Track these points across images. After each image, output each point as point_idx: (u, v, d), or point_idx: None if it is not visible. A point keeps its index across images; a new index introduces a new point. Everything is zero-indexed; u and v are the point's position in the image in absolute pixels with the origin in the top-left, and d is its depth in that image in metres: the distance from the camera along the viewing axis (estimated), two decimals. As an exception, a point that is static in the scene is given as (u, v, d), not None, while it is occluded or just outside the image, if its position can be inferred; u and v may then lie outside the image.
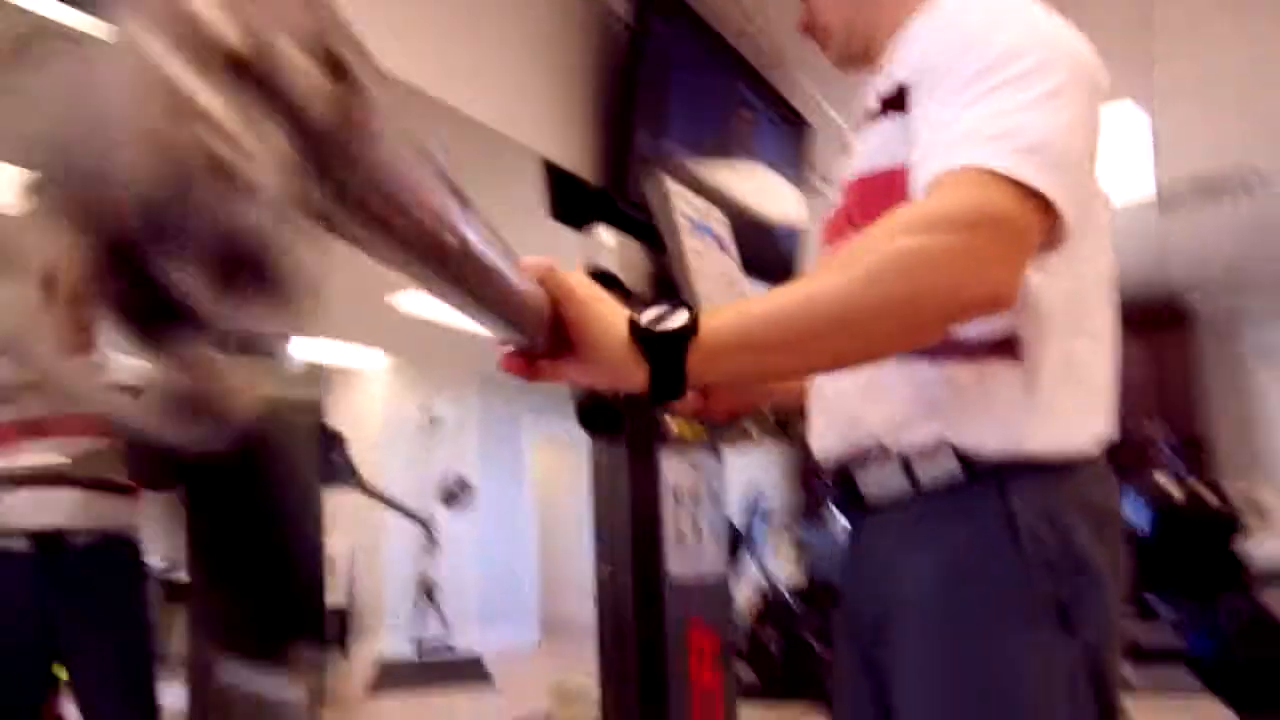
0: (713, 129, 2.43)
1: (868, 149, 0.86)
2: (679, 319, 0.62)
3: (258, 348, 1.51)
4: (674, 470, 1.36)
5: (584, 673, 3.91)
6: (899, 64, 0.84)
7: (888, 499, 0.83)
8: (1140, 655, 3.68)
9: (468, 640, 5.78)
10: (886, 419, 0.82)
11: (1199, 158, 4.40)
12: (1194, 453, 5.88)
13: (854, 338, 0.65)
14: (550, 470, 8.28)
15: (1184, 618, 3.66)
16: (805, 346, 0.64)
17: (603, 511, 1.37)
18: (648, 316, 0.63)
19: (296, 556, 1.51)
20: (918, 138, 0.75)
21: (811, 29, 1.01)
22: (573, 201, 2.12)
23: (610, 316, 0.63)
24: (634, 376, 0.62)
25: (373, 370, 6.40)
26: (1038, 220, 0.67)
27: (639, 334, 0.62)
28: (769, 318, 0.63)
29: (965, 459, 0.78)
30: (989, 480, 0.77)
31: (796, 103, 2.94)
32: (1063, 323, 0.78)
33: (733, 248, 1.61)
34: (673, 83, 2.20)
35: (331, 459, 1.64)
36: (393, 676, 4.50)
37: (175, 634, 2.05)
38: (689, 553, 1.45)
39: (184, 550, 1.42)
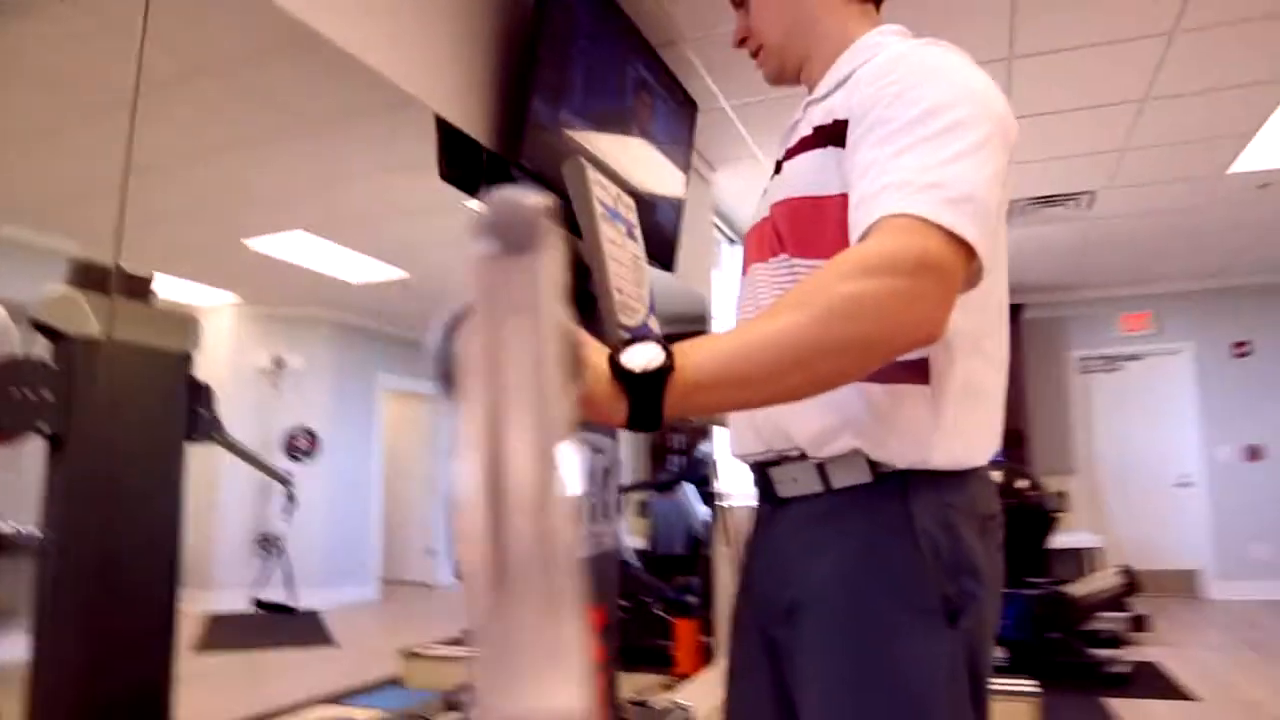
0: (608, 103, 2.42)
1: (798, 174, 0.92)
2: (655, 358, 0.64)
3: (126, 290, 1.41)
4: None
5: (431, 638, 3.89)
6: (839, 101, 0.90)
7: (800, 495, 0.91)
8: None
9: (308, 597, 5.61)
10: (809, 432, 0.89)
11: (1041, 178, 4.76)
12: (1015, 448, 6.41)
13: (814, 373, 0.71)
14: (399, 425, 8.11)
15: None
16: (770, 383, 0.69)
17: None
18: (627, 356, 0.65)
19: (152, 516, 1.43)
20: (854, 177, 0.82)
21: (746, 44, 1.05)
22: (465, 163, 2.08)
23: (594, 356, 0.65)
24: (615, 411, 0.65)
25: (218, 312, 6.06)
26: (962, 264, 0.74)
27: (620, 373, 0.64)
28: (738, 357, 0.68)
29: (875, 467, 0.85)
30: (893, 484, 0.86)
31: (685, 82, 2.98)
32: (965, 349, 0.87)
33: (639, 232, 1.64)
34: (573, 53, 2.18)
35: (197, 412, 1.56)
36: (223, 632, 4.31)
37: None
38: (585, 533, 1.48)
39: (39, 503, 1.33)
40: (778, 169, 1.01)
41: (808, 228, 0.90)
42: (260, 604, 4.64)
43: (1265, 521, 7.17)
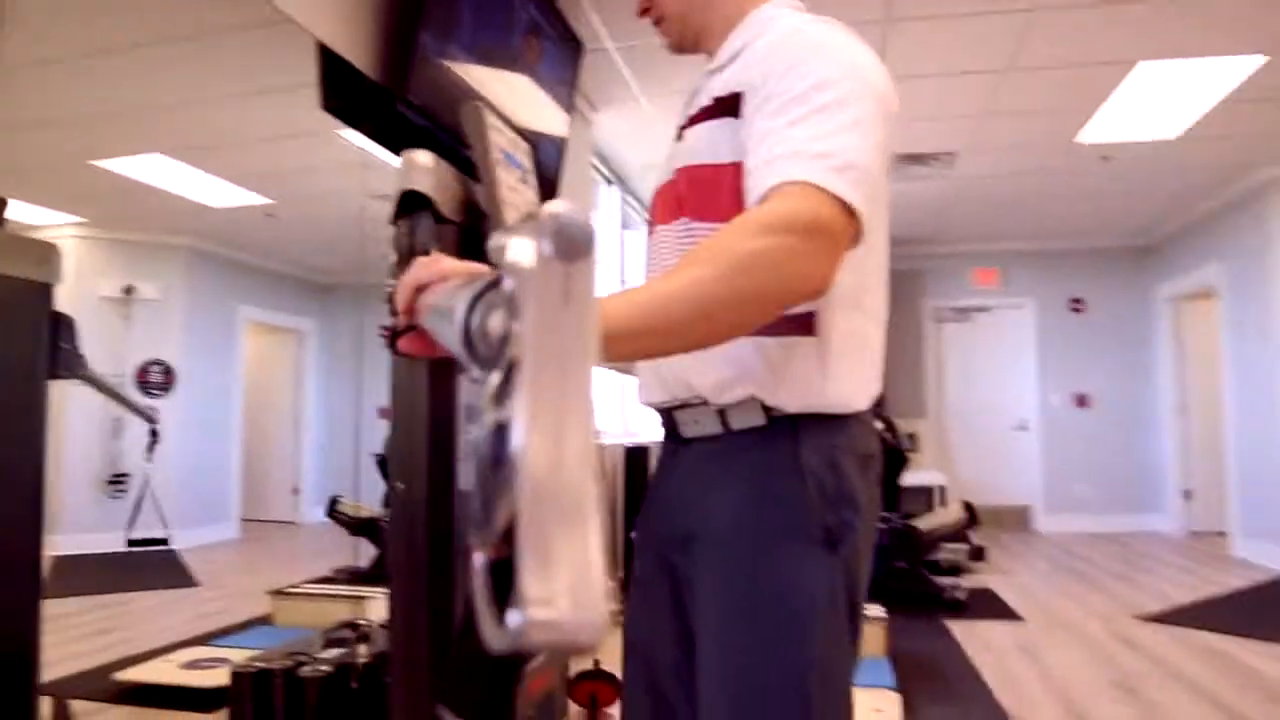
0: (496, 39, 2.39)
1: (699, 142, 1.00)
2: None
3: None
4: (469, 391, 1.40)
5: (296, 576, 3.84)
6: (735, 74, 0.98)
7: (701, 435, 0.99)
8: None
9: (166, 536, 5.40)
10: (709, 382, 0.97)
11: (908, 136, 4.97)
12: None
13: (718, 324, 0.78)
14: (261, 359, 7.79)
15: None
16: (678, 334, 0.75)
17: (401, 430, 1.38)
18: None
19: (14, 457, 1.37)
20: (750, 146, 0.90)
21: (649, 14, 1.10)
22: (347, 95, 2.02)
23: None
24: None
25: (58, 235, 5.62)
26: (847, 224, 0.83)
27: None
28: (649, 310, 0.72)
29: (769, 411, 0.94)
30: (785, 426, 0.94)
31: (571, 21, 2.96)
32: (847, 304, 0.95)
33: (533, 178, 1.64)
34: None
35: (59, 347, 1.48)
36: (74, 576, 4.11)
37: None
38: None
39: None
40: (679, 135, 1.06)
41: (705, 193, 0.97)
42: (132, 542, 4.44)
43: (1089, 462, 7.88)
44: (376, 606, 2.32)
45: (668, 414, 1.04)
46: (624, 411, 5.35)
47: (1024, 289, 8.09)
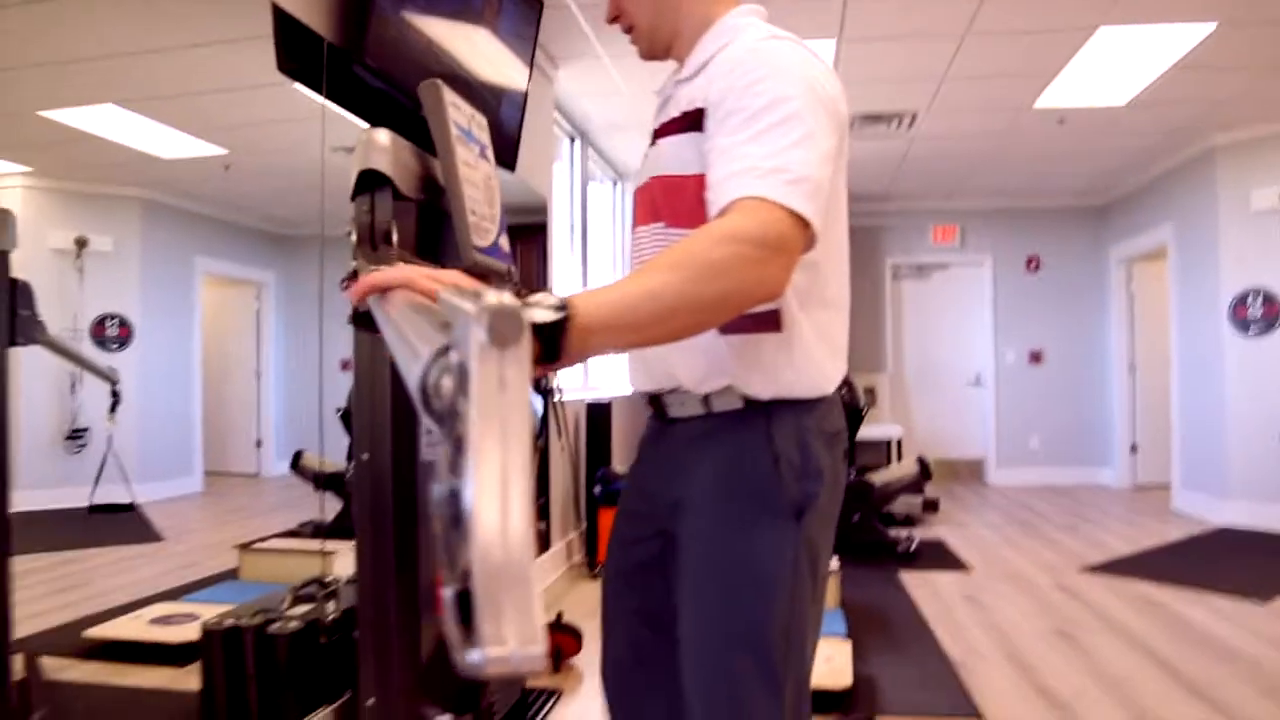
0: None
1: (669, 154, 1.11)
2: (557, 312, 0.75)
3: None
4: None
5: (260, 530, 3.87)
6: (699, 89, 1.08)
7: (686, 416, 1.13)
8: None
9: (127, 492, 5.37)
10: (691, 373, 1.10)
11: (870, 97, 5.00)
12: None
13: (683, 323, 0.88)
14: (219, 312, 7.69)
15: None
16: (648, 330, 0.86)
17: (364, 402, 1.41)
18: (534, 312, 0.74)
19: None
20: (710, 159, 1.00)
21: (619, 21, 1.16)
22: (304, 57, 2.01)
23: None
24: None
25: (10, 187, 5.48)
26: (800, 233, 0.93)
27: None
28: (624, 308, 0.81)
29: (745, 397, 1.07)
30: (759, 411, 1.07)
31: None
32: (810, 299, 1.07)
33: (490, 152, 1.66)
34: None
35: (17, 313, 1.48)
36: (35, 533, 4.09)
37: None
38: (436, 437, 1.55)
39: None
40: (653, 140, 1.16)
41: (675, 200, 1.08)
42: (94, 508, 4.41)
43: (1040, 416, 8.10)
44: (342, 562, 2.37)
45: (656, 398, 1.16)
46: (585, 370, 5.40)
47: (982, 247, 8.22)
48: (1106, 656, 3.14)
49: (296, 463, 4.82)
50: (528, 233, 4.52)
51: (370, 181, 1.41)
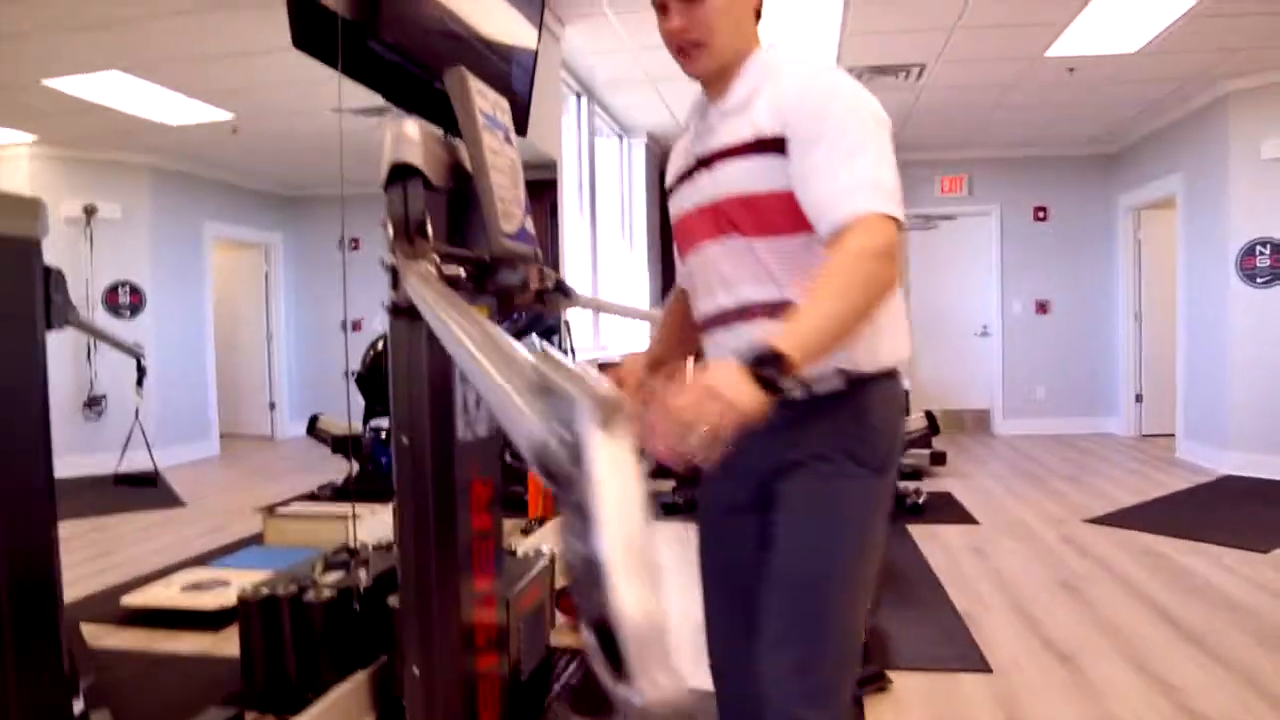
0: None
1: (743, 175, 1.23)
2: (778, 361, 0.99)
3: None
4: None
5: (279, 492, 3.94)
6: (765, 112, 1.21)
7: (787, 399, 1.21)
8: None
9: (146, 458, 5.45)
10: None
11: (880, 48, 4.95)
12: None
13: (855, 327, 1.09)
14: (230, 275, 7.71)
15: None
16: (836, 344, 1.08)
17: (401, 387, 1.46)
18: (763, 370, 0.99)
19: (19, 414, 1.43)
20: (806, 177, 1.17)
21: (684, 38, 1.19)
22: (318, 33, 2.02)
23: (744, 386, 0.99)
24: (757, 399, 0.98)
25: (18, 156, 5.48)
26: (898, 233, 1.12)
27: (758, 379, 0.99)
28: (820, 333, 1.04)
29: (845, 374, 1.22)
30: (857, 387, 1.24)
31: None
32: None
33: (514, 135, 1.68)
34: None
35: (52, 299, 1.52)
36: (61, 499, 4.16)
37: None
38: (472, 419, 1.60)
39: None
40: (703, 164, 1.28)
41: (760, 216, 1.23)
42: (119, 479, 4.48)
43: (1046, 367, 8.14)
44: (366, 525, 2.43)
45: None
46: (596, 330, 5.44)
47: (990, 196, 8.18)
48: (1107, 606, 3.22)
49: (313, 427, 4.88)
50: (536, 189, 4.53)
51: (401, 173, 1.43)
